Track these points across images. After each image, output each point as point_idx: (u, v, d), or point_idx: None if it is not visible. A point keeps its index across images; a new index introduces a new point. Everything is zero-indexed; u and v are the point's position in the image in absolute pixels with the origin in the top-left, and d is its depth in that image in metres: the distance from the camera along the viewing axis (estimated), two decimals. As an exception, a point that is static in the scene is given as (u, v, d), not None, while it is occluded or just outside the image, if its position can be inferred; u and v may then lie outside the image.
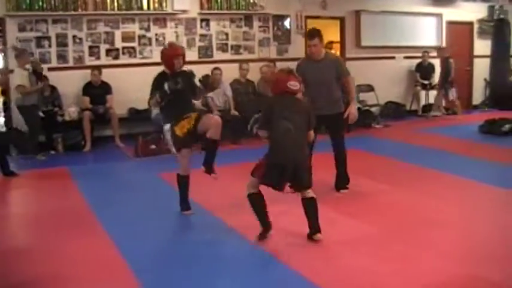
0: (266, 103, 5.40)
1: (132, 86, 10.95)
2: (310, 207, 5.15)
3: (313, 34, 6.66)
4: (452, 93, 14.08)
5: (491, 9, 15.50)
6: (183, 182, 6.17)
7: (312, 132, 5.30)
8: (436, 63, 14.63)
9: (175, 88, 5.95)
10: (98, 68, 10.91)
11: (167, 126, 6.27)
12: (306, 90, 6.54)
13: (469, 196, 6.77)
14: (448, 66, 13.97)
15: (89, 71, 10.87)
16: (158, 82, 6.06)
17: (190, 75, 6.39)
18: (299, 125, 5.06)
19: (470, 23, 15.96)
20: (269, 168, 5.00)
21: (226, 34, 12.41)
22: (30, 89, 9.74)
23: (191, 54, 11.82)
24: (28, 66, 9.96)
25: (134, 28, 11.53)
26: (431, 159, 8.87)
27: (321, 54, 6.74)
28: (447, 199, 6.59)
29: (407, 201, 6.54)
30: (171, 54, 6.12)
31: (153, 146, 9.93)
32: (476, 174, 7.62)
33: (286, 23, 13.09)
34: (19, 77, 9.70)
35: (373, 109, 13.17)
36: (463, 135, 11.29)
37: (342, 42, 14.06)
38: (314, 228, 5.12)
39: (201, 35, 12.17)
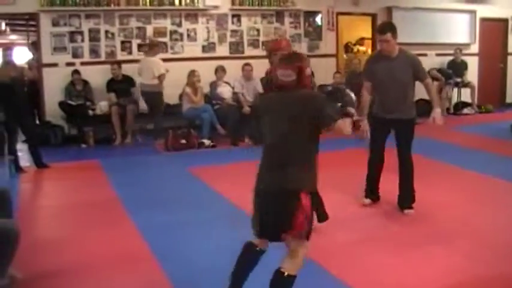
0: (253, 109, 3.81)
1: (164, 80, 11.05)
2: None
3: (385, 28, 5.85)
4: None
5: (526, 5, 15.29)
6: None
7: (342, 124, 3.41)
8: (469, 60, 14.49)
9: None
10: (118, 63, 10.97)
11: None
12: (374, 90, 6.04)
13: (501, 197, 6.69)
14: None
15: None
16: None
17: None
18: (288, 133, 3.42)
19: (505, 20, 15.71)
20: (252, 203, 3.61)
21: (258, 30, 12.39)
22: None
23: (222, 50, 11.93)
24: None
25: (166, 23, 11.59)
26: (463, 157, 8.79)
27: (395, 51, 5.87)
28: (478, 199, 6.53)
29: (437, 200, 6.48)
30: (268, 49, 5.07)
31: (183, 141, 10.00)
32: (507, 173, 7.54)
33: (318, 19, 13.05)
34: (160, 66, 10.38)
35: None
36: (495, 133, 11.15)
37: (374, 38, 13.96)
38: None
39: (232, 31, 12.18)
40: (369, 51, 14.50)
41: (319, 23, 13.08)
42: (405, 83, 5.92)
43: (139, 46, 11.32)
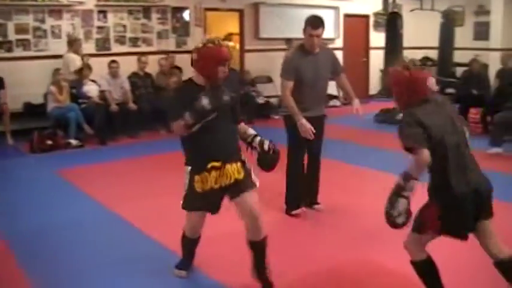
0: (409, 116, 3.73)
1: (27, 79, 10.68)
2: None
3: (319, 23, 5.56)
4: None
5: (385, 2, 15.99)
6: (186, 244, 4.43)
7: None
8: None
9: (216, 107, 3.86)
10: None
11: (187, 168, 4.10)
12: (296, 88, 5.57)
13: (367, 184, 6.97)
14: None
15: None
16: (185, 96, 3.90)
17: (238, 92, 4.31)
18: (465, 138, 3.58)
19: (366, 16, 16.48)
20: (450, 210, 3.45)
21: (124, 26, 12.20)
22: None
23: (88, 47, 11.63)
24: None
25: (28, 20, 11.11)
26: (332, 148, 9.02)
27: (318, 47, 5.72)
28: (345, 188, 6.76)
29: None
30: (217, 58, 3.93)
31: (50, 142, 9.69)
32: (373, 163, 7.85)
33: (185, 15, 13.03)
34: (76, 62, 10.75)
35: (272, 100, 13.31)
36: (359, 124, 11.56)
37: (241, 34, 14.15)
38: None
39: (98, 27, 11.89)
40: (237, 46, 14.63)
41: (187, 19, 13.07)
42: (327, 78, 5.90)
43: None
